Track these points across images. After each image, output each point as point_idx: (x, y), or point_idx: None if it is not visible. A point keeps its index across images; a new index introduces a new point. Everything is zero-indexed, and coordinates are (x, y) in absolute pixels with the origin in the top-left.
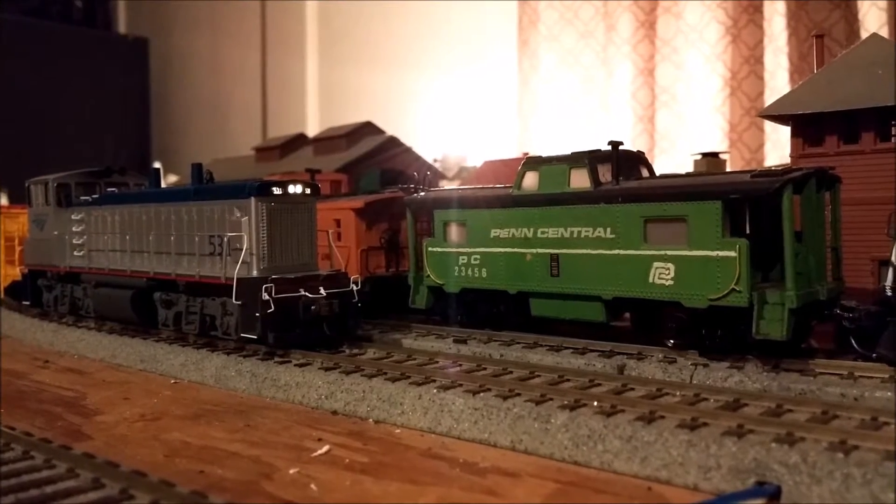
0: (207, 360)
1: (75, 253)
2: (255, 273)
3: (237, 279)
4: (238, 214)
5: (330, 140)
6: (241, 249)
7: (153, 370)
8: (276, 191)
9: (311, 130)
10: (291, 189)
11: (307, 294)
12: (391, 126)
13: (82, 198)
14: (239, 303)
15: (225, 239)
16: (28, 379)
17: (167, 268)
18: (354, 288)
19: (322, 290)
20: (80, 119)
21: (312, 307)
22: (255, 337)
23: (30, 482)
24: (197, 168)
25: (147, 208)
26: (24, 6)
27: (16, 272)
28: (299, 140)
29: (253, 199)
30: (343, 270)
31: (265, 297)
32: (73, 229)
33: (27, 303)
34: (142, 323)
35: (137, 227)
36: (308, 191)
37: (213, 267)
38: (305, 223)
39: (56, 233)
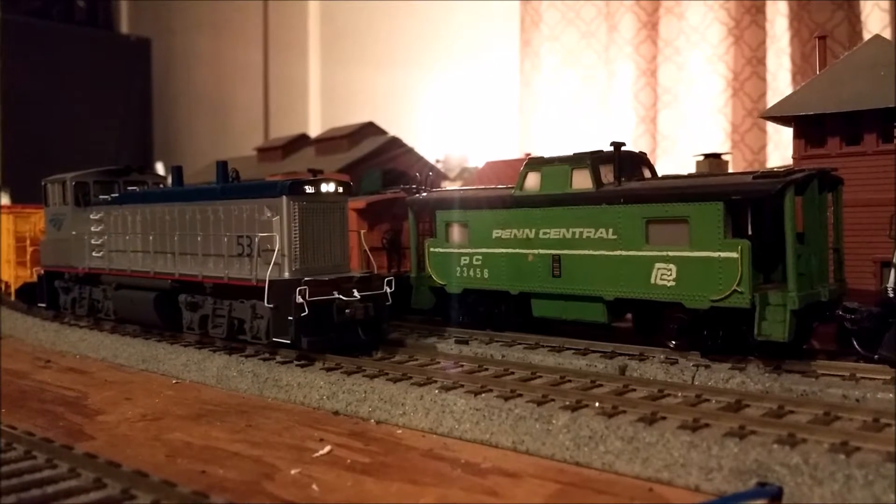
0: (209, 360)
1: (94, 254)
2: (286, 275)
3: (269, 281)
4: (269, 214)
5: (332, 140)
6: (273, 250)
7: (155, 370)
8: (309, 189)
9: (313, 131)
10: (324, 188)
11: (341, 297)
12: (393, 126)
13: (101, 197)
14: (271, 306)
15: (255, 239)
16: (30, 379)
17: (193, 269)
18: (388, 290)
19: (356, 293)
20: (82, 119)
21: (347, 310)
22: (288, 341)
23: (31, 482)
24: (222, 166)
25: (171, 207)
26: (27, 6)
27: (27, 274)
28: (301, 140)
29: (284, 197)
30: (377, 272)
31: (299, 299)
32: (92, 229)
33: (43, 305)
34: (165, 326)
35: (160, 227)
36: (341, 189)
37: (241, 268)
38: (338, 223)
39: (74, 233)
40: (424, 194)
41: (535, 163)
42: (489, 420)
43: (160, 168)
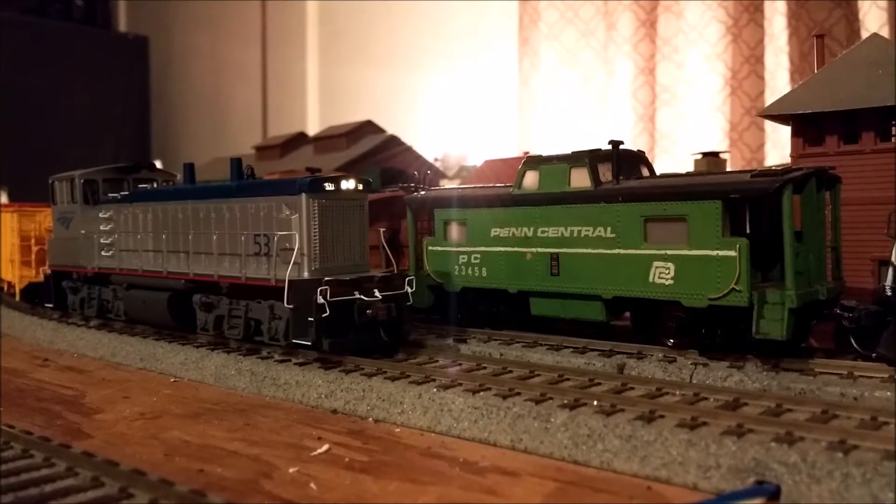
0: (207, 358)
1: (104, 253)
2: (306, 274)
3: (289, 281)
4: (287, 212)
5: (330, 139)
6: (292, 249)
7: (153, 369)
8: (329, 186)
9: (312, 129)
10: (344, 185)
11: (363, 297)
12: (391, 125)
13: (110, 195)
14: (291, 306)
15: (274, 238)
16: (28, 377)
17: (208, 269)
18: (409, 290)
19: (377, 293)
20: (80, 118)
21: (368, 311)
22: (308, 343)
23: (29, 480)
24: (237, 163)
25: (184, 205)
26: (24, 5)
27: (31, 273)
28: (299, 139)
29: (304, 195)
30: (397, 271)
31: (320, 300)
32: (102, 228)
33: (50, 305)
34: (179, 327)
35: (173, 225)
36: (360, 186)
37: (258, 268)
38: (357, 221)
39: (83, 232)
40: (423, 193)
41: (533, 161)
42: (487, 418)
43: (158, 166)
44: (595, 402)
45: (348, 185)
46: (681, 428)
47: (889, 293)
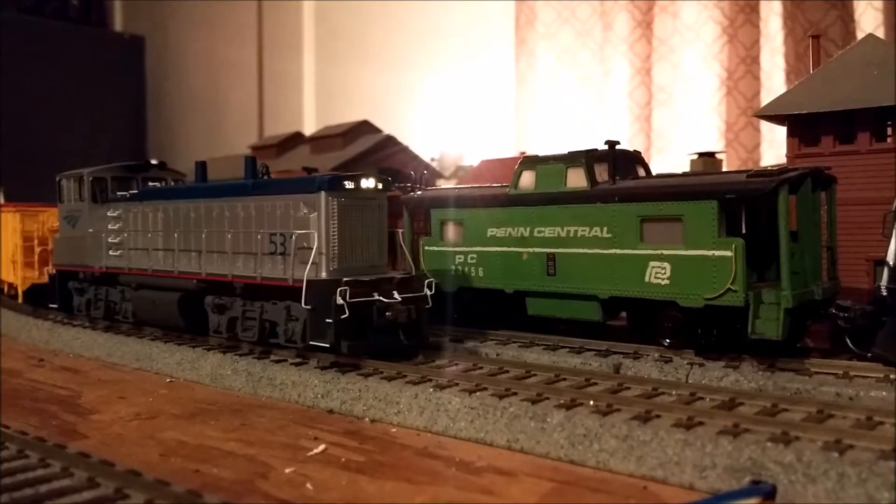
0: (203, 358)
1: (112, 252)
2: (323, 275)
3: (307, 281)
4: (305, 210)
5: (326, 139)
6: (310, 249)
7: (149, 369)
8: (348, 185)
9: (308, 129)
10: (364, 183)
11: (382, 298)
12: (388, 125)
13: (119, 193)
14: (309, 307)
15: (292, 237)
16: (23, 377)
17: (221, 268)
18: (428, 293)
19: (396, 295)
20: (76, 117)
21: (388, 313)
22: (326, 345)
23: (24, 481)
24: (251, 161)
25: (196, 204)
26: (20, 4)
27: (34, 275)
28: (296, 138)
29: (323, 193)
30: (416, 273)
31: (339, 301)
32: (110, 227)
33: (55, 306)
34: (190, 329)
35: (185, 224)
36: (380, 185)
37: (274, 267)
38: (376, 221)
39: (91, 230)
40: (419, 193)
41: (530, 161)
42: (484, 418)
43: None
44: (591, 402)
45: (368, 183)
46: (677, 428)
47: (884, 293)
